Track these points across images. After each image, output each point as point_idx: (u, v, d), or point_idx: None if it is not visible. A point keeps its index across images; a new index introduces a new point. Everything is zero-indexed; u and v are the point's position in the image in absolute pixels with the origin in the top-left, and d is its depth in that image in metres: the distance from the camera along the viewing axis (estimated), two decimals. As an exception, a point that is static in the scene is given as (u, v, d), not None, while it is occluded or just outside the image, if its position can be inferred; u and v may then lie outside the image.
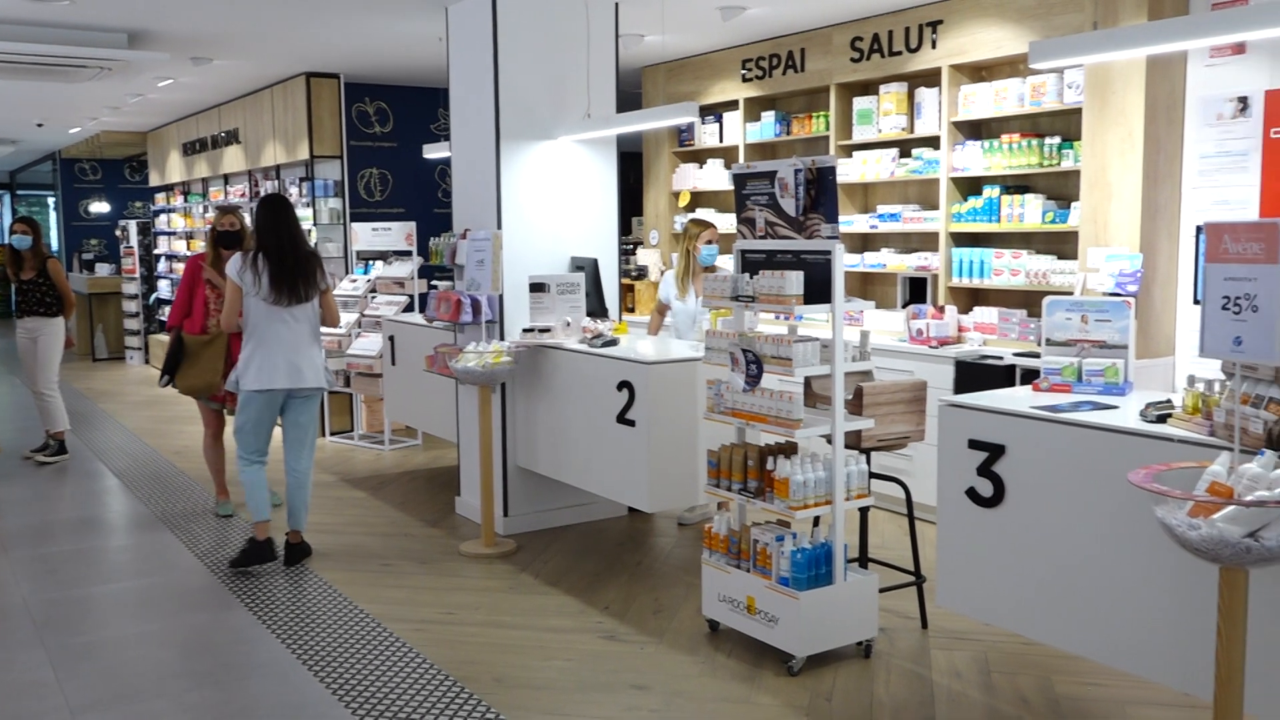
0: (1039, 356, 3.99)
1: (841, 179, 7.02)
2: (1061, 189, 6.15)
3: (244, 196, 10.99)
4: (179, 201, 13.39)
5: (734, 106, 8.17)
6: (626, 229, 10.14)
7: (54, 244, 18.05)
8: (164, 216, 13.76)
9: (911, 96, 6.84)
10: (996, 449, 3.55)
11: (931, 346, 6.03)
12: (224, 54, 8.28)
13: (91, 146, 15.27)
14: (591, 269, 5.98)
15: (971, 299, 6.48)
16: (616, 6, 6.14)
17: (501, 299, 5.90)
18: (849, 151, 7.24)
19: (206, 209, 12.18)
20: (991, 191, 6.30)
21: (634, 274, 8.90)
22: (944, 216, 6.52)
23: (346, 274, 9.05)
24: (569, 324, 5.64)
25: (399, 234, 8.65)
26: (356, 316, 8.42)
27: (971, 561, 3.69)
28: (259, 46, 8.04)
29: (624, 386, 4.97)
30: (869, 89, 7.20)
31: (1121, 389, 3.72)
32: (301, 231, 5.45)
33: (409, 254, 8.58)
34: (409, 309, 8.18)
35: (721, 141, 8.40)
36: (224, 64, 8.70)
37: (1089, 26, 5.58)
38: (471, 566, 5.43)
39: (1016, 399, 3.72)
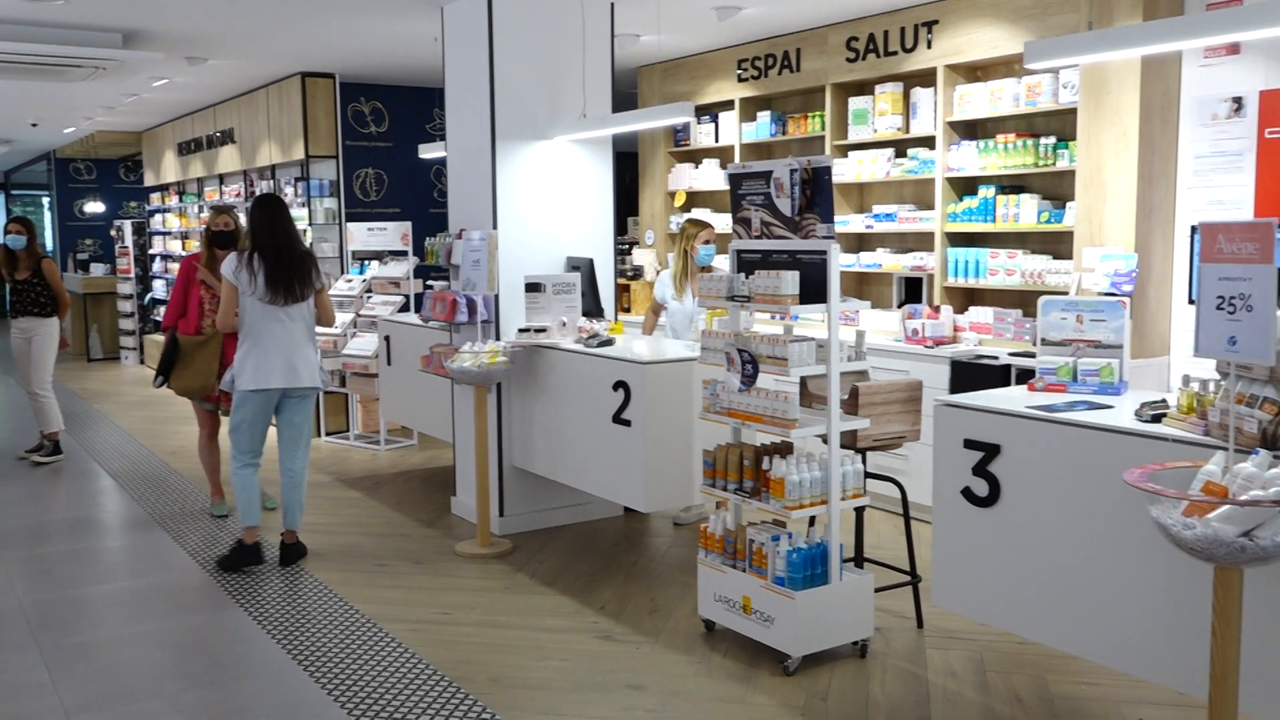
0: (1034, 356, 3.99)
1: (837, 179, 7.02)
2: (1057, 189, 6.15)
3: (239, 196, 10.97)
4: (174, 201, 13.38)
5: (729, 106, 8.17)
6: (622, 229, 10.17)
7: (49, 244, 18.00)
8: (159, 216, 13.74)
9: (907, 96, 6.85)
10: (992, 449, 3.55)
11: (927, 346, 6.04)
12: (219, 54, 8.27)
13: (86, 146, 15.23)
14: (587, 269, 5.98)
15: (967, 299, 6.49)
16: (612, 6, 6.14)
17: (497, 299, 5.89)
18: (844, 151, 7.25)
19: (202, 209, 12.15)
20: (987, 191, 6.31)
21: (630, 274, 8.90)
22: (939, 216, 6.52)
23: (342, 274, 9.03)
24: (565, 324, 5.63)
25: (394, 234, 8.65)
26: (352, 316, 8.41)
27: (967, 561, 3.69)
28: (254, 46, 8.03)
29: (620, 386, 4.97)
30: (864, 89, 7.20)
31: (1116, 389, 3.72)
32: (296, 231, 5.46)
33: (404, 254, 8.58)
34: (405, 309, 8.18)
35: (717, 141, 8.40)
36: (219, 64, 8.69)
37: (1084, 27, 5.59)
38: (467, 566, 5.43)
39: (1012, 399, 3.72)
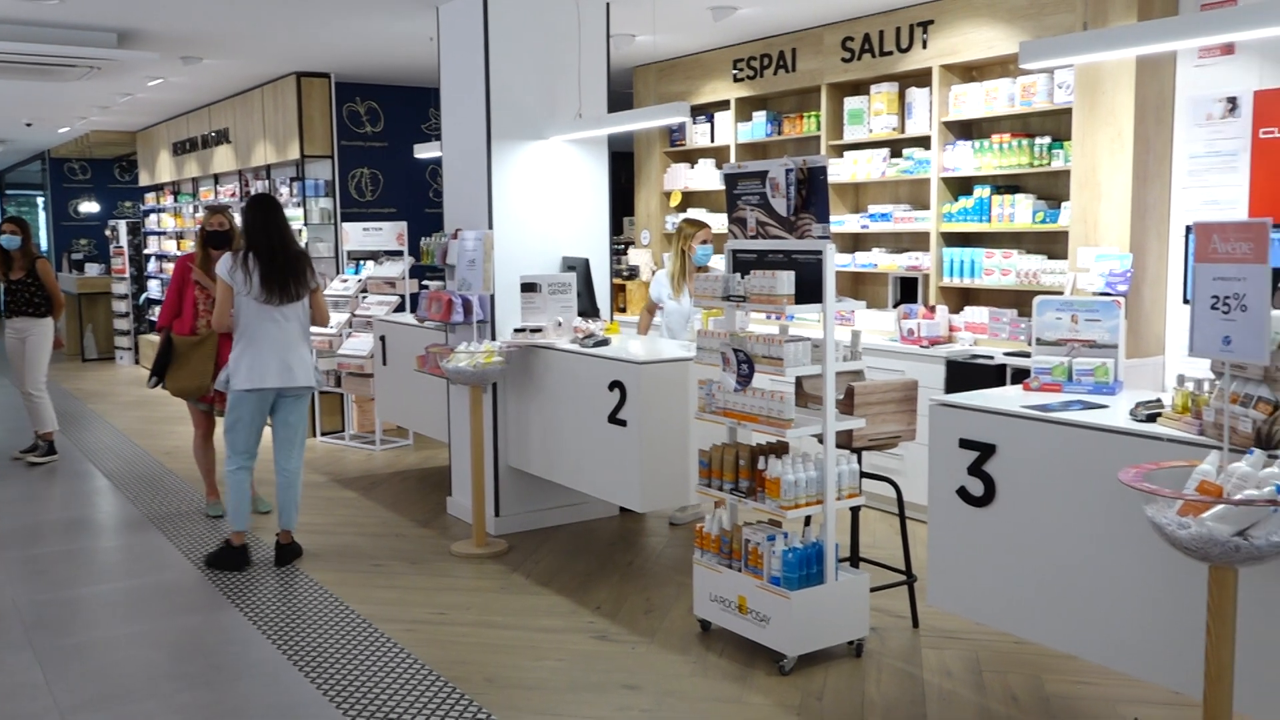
0: (1029, 356, 4.00)
1: (832, 179, 7.03)
2: (1052, 189, 6.16)
3: (234, 196, 10.96)
4: (169, 201, 13.37)
5: (725, 106, 8.17)
6: (618, 229, 10.15)
7: (43, 244, 17.97)
8: (154, 216, 13.72)
9: (902, 96, 6.85)
10: (987, 448, 3.55)
11: (922, 346, 6.04)
12: (214, 53, 8.26)
13: (81, 146, 15.21)
14: (583, 269, 5.97)
15: (962, 299, 6.49)
16: (608, 6, 6.14)
17: (493, 299, 5.89)
18: (840, 151, 7.25)
19: (197, 209, 12.14)
20: (982, 191, 6.31)
21: (625, 274, 8.90)
22: (935, 216, 6.53)
23: (337, 274, 9.03)
24: (560, 324, 5.63)
25: (390, 234, 8.64)
26: (348, 316, 8.40)
27: (962, 561, 3.69)
28: (249, 46, 8.02)
29: (615, 386, 4.97)
30: (860, 89, 7.21)
31: (1111, 388, 3.73)
32: (290, 230, 5.46)
33: (400, 254, 8.57)
34: (400, 309, 8.17)
35: (713, 141, 8.40)
36: (214, 63, 8.67)
37: (1079, 27, 5.60)
38: (463, 567, 5.42)
39: (1007, 398, 3.73)
